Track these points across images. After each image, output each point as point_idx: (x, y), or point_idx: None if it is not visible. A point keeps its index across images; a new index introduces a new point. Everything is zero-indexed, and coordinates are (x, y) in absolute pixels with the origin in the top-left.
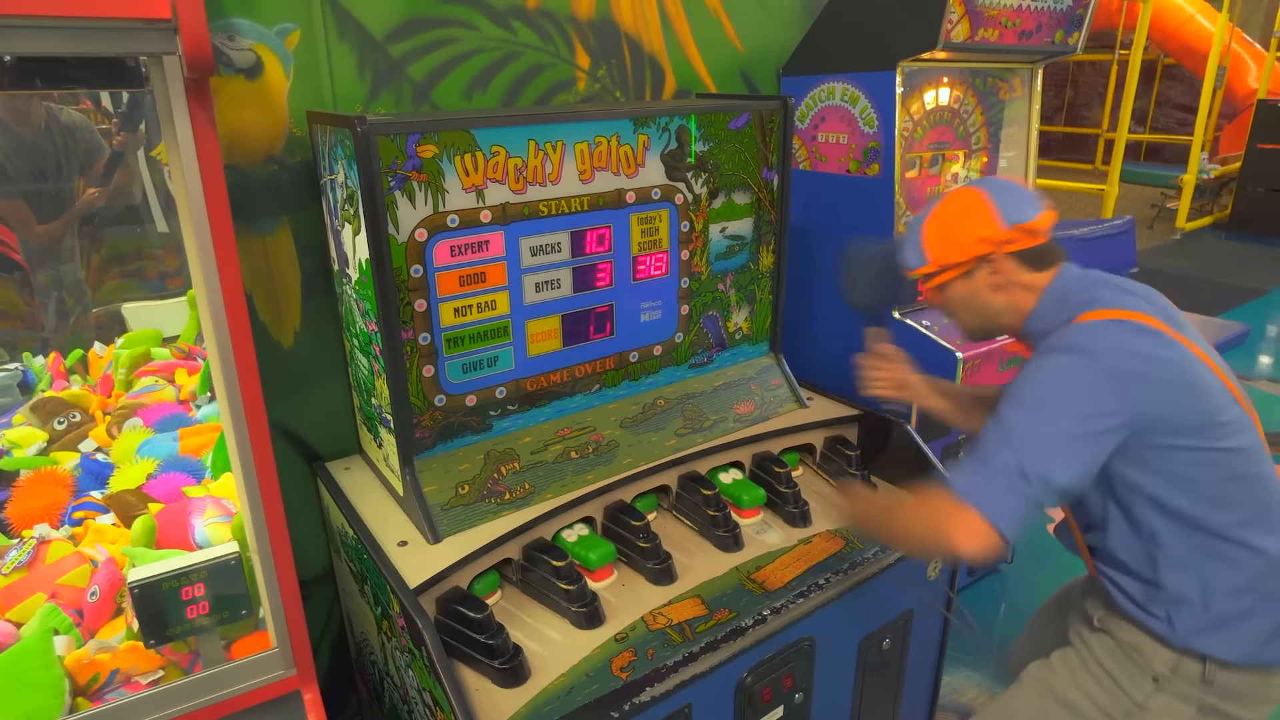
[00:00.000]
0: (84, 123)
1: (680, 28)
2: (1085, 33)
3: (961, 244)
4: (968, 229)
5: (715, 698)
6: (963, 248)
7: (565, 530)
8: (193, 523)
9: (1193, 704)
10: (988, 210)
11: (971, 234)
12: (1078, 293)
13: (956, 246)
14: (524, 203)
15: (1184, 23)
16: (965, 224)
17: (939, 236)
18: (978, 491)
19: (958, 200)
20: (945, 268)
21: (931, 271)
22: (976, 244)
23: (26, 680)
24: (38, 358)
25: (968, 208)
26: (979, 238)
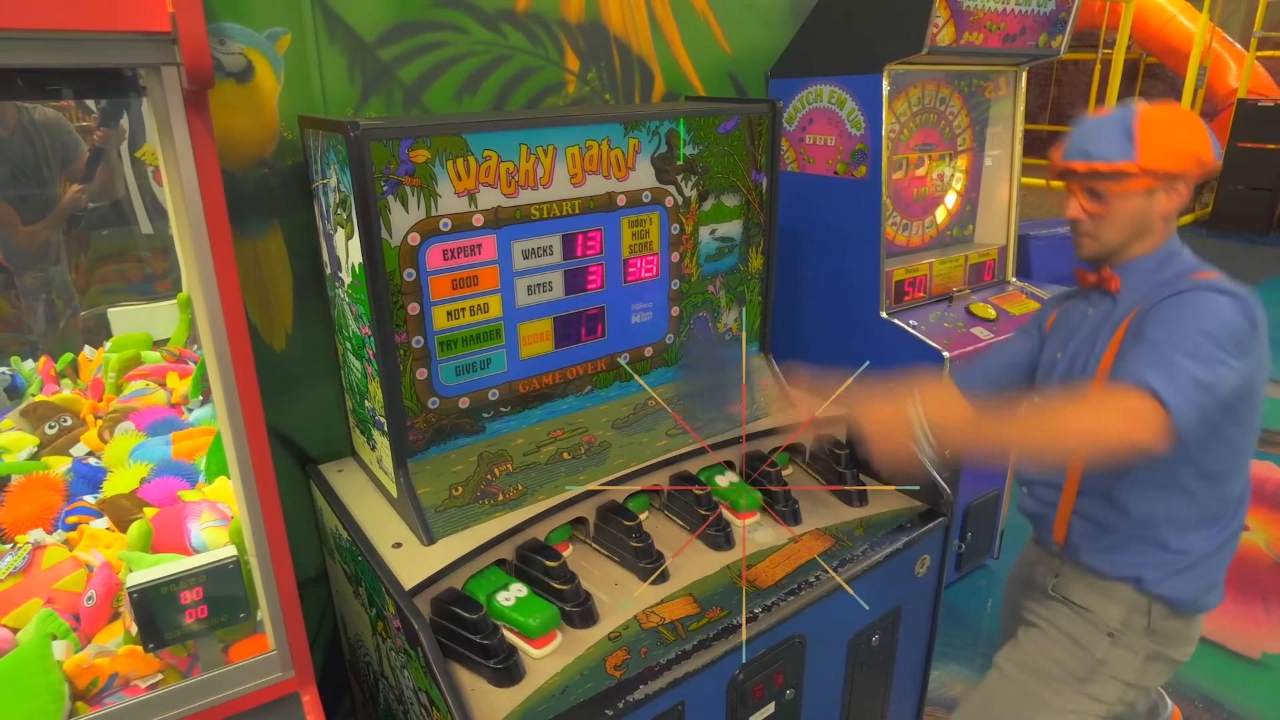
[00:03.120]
0: (59, 120)
1: (669, 30)
2: (1068, 35)
3: (1178, 153)
4: (1190, 140)
5: (708, 695)
6: (1177, 157)
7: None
8: (189, 526)
9: (1140, 653)
10: (1205, 134)
11: (1192, 146)
12: (1181, 253)
13: (1173, 154)
14: (516, 206)
15: (1165, 22)
16: (1188, 135)
17: (1158, 135)
18: (1165, 383)
19: (1175, 111)
20: (1149, 172)
21: (1131, 171)
22: (1191, 161)
23: (26, 685)
24: (26, 361)
25: (1190, 123)
26: (1196, 154)
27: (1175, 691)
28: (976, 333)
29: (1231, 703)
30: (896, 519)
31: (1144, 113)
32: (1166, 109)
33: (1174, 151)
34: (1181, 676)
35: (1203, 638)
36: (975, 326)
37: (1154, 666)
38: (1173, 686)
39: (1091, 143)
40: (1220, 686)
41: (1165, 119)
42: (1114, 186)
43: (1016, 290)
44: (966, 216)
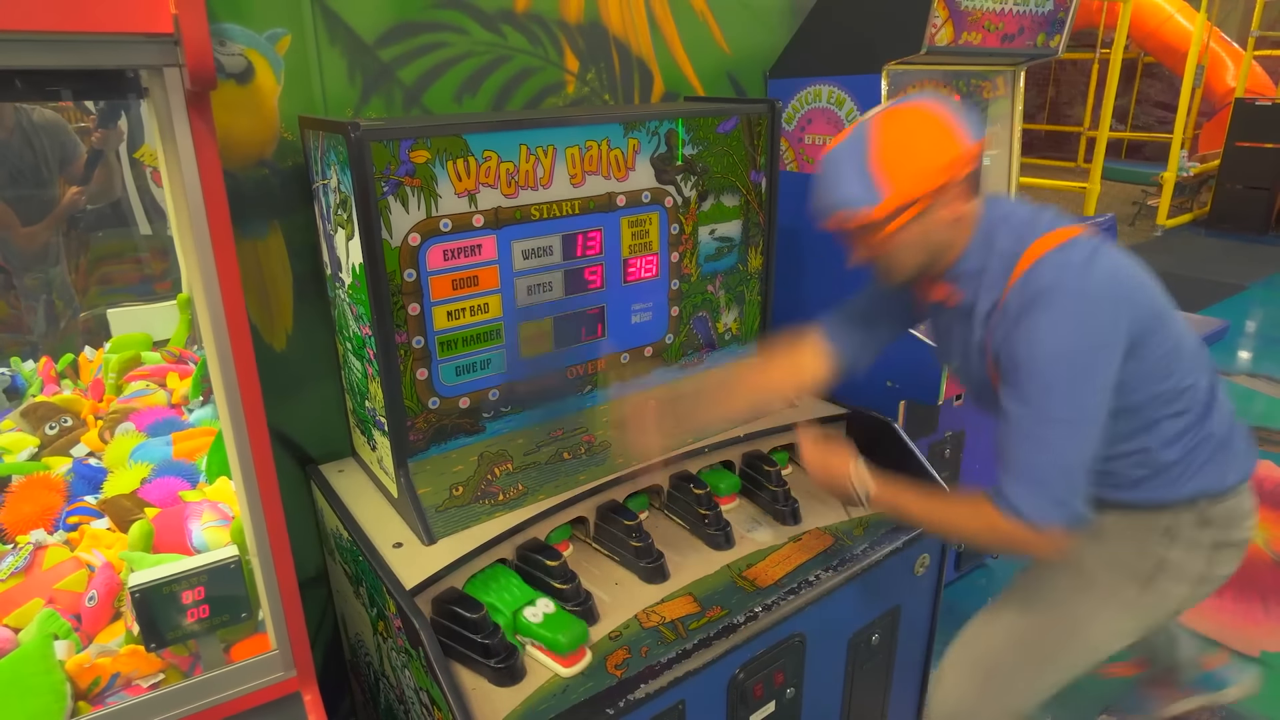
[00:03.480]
0: (58, 121)
1: (668, 31)
2: (1066, 35)
3: (929, 170)
4: (937, 150)
5: (708, 694)
6: (931, 174)
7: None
8: (190, 527)
9: (1203, 548)
10: (955, 130)
11: (942, 155)
12: (1002, 226)
13: (924, 174)
14: (516, 207)
15: (1163, 22)
16: (933, 145)
17: (900, 163)
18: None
19: (911, 120)
20: (905, 205)
21: (886, 214)
22: (947, 168)
23: (28, 685)
24: (27, 362)
25: (927, 133)
26: (951, 159)
27: None
28: None
29: None
30: (891, 521)
31: (877, 143)
32: (899, 124)
33: (925, 173)
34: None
35: (1201, 635)
36: None
37: (1221, 555)
38: None
39: (835, 196)
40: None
41: (900, 142)
42: (878, 233)
43: None
44: None
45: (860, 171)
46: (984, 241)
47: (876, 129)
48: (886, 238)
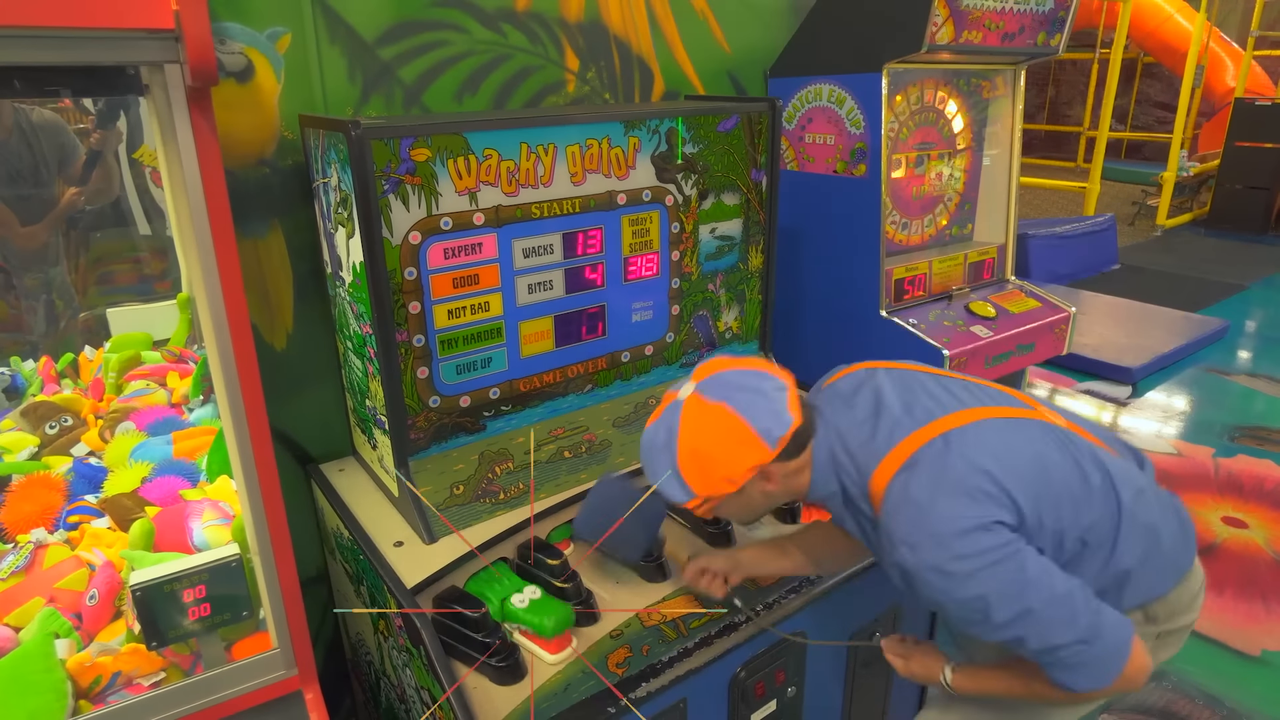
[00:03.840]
0: (57, 121)
1: (668, 30)
2: (1067, 34)
3: (731, 476)
4: (734, 461)
5: (709, 692)
6: (733, 479)
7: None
8: (191, 525)
9: (1149, 639)
10: (749, 434)
11: (740, 465)
12: (842, 455)
13: (726, 479)
14: (516, 205)
15: (1163, 22)
16: (730, 456)
17: (702, 472)
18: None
19: (711, 427)
20: (714, 497)
21: (700, 503)
22: (747, 473)
23: (29, 684)
24: (27, 362)
25: (728, 436)
26: (749, 467)
27: (1174, 689)
28: (976, 331)
29: (1232, 700)
30: None
31: (683, 447)
32: (702, 431)
33: (726, 478)
34: (1181, 674)
35: (1203, 635)
36: (975, 325)
37: (1166, 642)
38: (1172, 684)
39: (656, 481)
40: (1220, 684)
41: (703, 450)
42: (700, 511)
43: (1015, 289)
44: (965, 215)
45: (672, 472)
46: (828, 473)
47: (683, 432)
48: (712, 510)
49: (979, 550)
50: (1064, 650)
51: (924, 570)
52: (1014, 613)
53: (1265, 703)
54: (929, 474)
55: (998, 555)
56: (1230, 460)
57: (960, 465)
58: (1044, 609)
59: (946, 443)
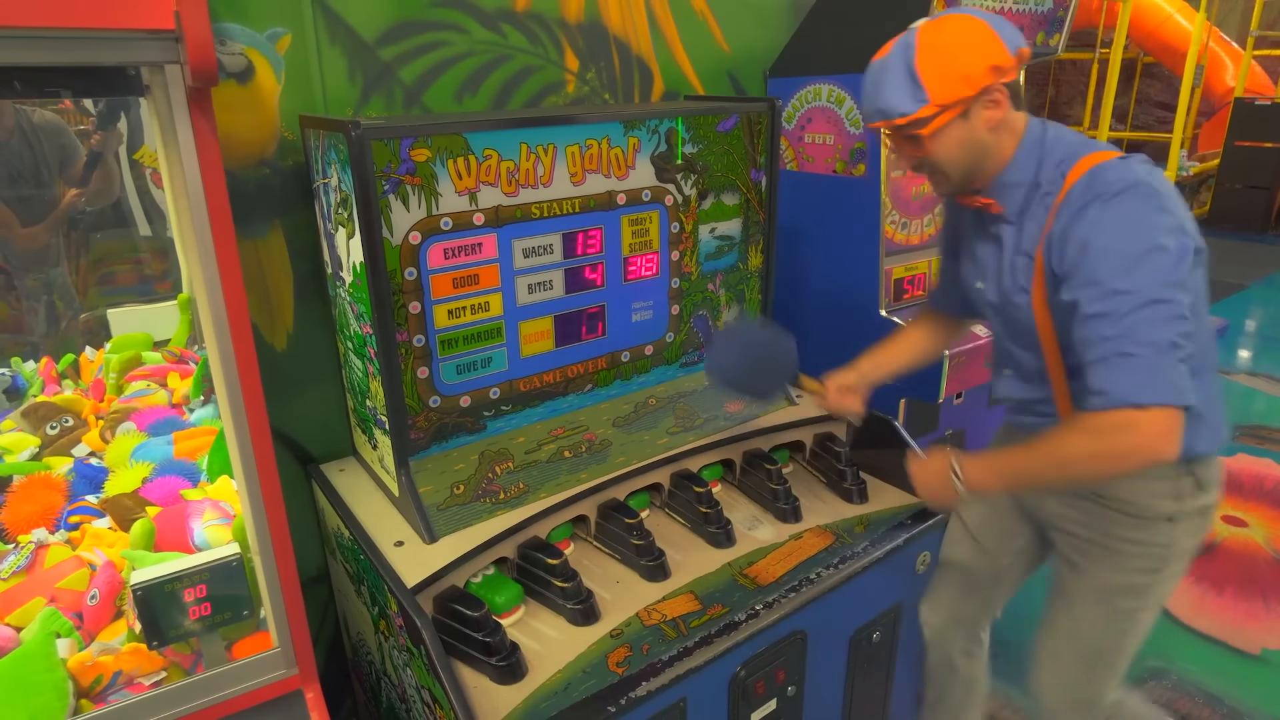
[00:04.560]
0: (57, 123)
1: (668, 30)
2: (1066, 34)
3: (970, 74)
4: (977, 56)
5: (709, 691)
6: (971, 79)
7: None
8: (192, 525)
9: (1194, 516)
10: (991, 34)
11: (982, 61)
12: (1056, 143)
13: (965, 78)
14: (516, 205)
15: (1163, 22)
16: (973, 51)
17: (942, 67)
18: (1151, 389)
19: (953, 27)
20: (947, 107)
21: (929, 115)
22: (987, 74)
23: (30, 683)
24: (28, 363)
25: (970, 32)
26: (990, 65)
27: (1175, 687)
28: (976, 331)
29: (1232, 698)
30: (896, 516)
31: (922, 45)
32: (943, 28)
33: (964, 76)
34: (1181, 672)
35: (1203, 634)
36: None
37: (1206, 520)
38: (1172, 682)
39: (882, 99)
40: (1220, 682)
41: (944, 45)
42: (922, 131)
43: None
44: None
45: (905, 74)
46: (1033, 152)
47: (922, 35)
48: (929, 138)
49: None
50: (1141, 350)
51: (1107, 208)
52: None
53: (1265, 701)
54: (1145, 168)
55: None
56: (1230, 459)
57: (1168, 185)
58: (1154, 296)
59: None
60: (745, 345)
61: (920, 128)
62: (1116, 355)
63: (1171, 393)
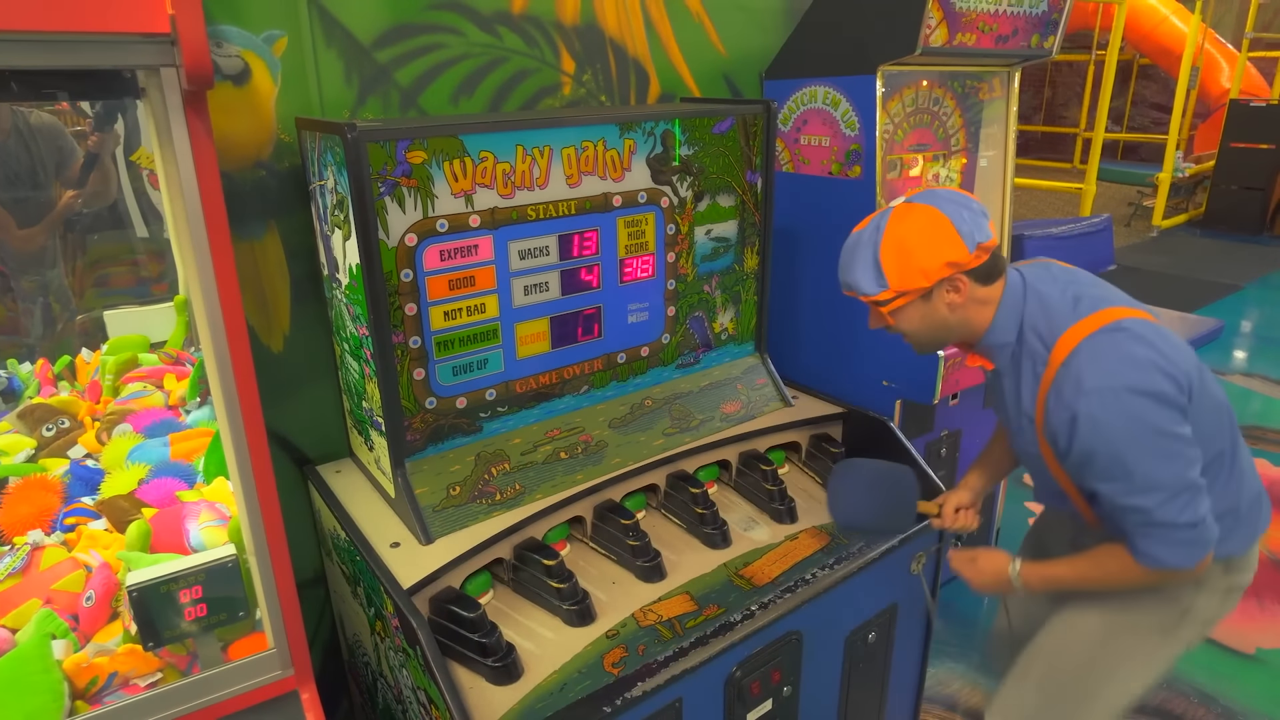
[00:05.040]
0: (55, 125)
1: (664, 32)
2: (1060, 36)
3: (926, 269)
4: (933, 253)
5: (705, 692)
6: (927, 273)
7: None
8: (187, 527)
9: (1219, 591)
10: (951, 231)
11: (938, 258)
12: (1039, 307)
13: (921, 272)
14: (512, 207)
15: (1158, 24)
16: (930, 248)
17: (900, 261)
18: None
19: (917, 221)
20: (904, 293)
21: (888, 298)
22: (942, 268)
23: (26, 684)
24: (24, 364)
25: (930, 229)
26: (945, 262)
27: (1170, 687)
28: None
29: (1227, 698)
30: None
31: (888, 235)
32: (907, 224)
33: (921, 270)
34: (1176, 672)
35: None
36: None
37: (1231, 598)
38: (1167, 681)
39: (851, 276)
40: (1215, 681)
41: (905, 239)
42: (884, 309)
43: None
44: None
45: (871, 259)
46: (1012, 315)
47: (890, 224)
48: (892, 314)
49: (1154, 414)
50: (1177, 530)
51: (1098, 417)
52: (1153, 481)
53: (1260, 700)
54: (1131, 338)
55: (1166, 426)
56: None
57: (1160, 342)
58: (1177, 488)
59: (1143, 323)
60: (869, 485)
61: (883, 306)
62: (1158, 534)
63: (1204, 551)
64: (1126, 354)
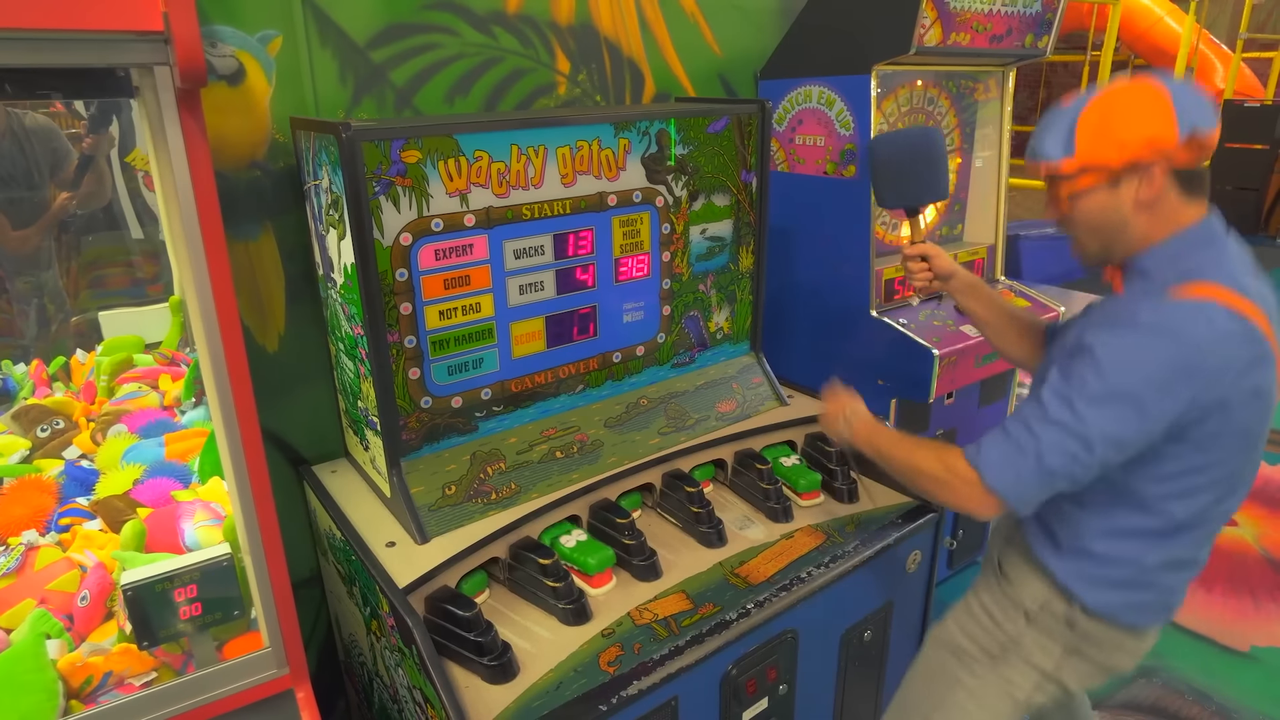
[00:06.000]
0: (49, 126)
1: (659, 32)
2: (1054, 36)
3: (1124, 142)
4: (1137, 125)
5: (701, 690)
6: (1124, 147)
7: (563, 537)
8: (182, 526)
9: (1059, 643)
10: (1166, 108)
11: (1140, 131)
12: (1201, 249)
13: (1116, 144)
14: (507, 206)
15: (1153, 24)
16: (1135, 119)
17: (1098, 127)
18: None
19: (1132, 90)
20: (1091, 168)
21: (1072, 171)
22: (1143, 146)
23: (20, 684)
24: (18, 365)
25: (1143, 101)
26: (1148, 137)
27: (1165, 684)
28: (966, 330)
29: (1221, 695)
30: (888, 515)
31: (1094, 101)
32: (1120, 91)
33: (1117, 141)
34: (1171, 670)
35: (1193, 631)
36: (964, 325)
37: (1075, 664)
38: (1162, 679)
39: (1040, 139)
40: (1210, 679)
41: (1112, 105)
42: (1064, 187)
43: (1005, 289)
44: (955, 216)
45: (1067, 123)
46: (1177, 248)
47: (1103, 90)
48: (1070, 197)
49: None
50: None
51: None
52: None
53: (1254, 698)
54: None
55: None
56: None
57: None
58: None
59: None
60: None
61: (1064, 182)
62: (1016, 434)
63: (1015, 497)
64: (1213, 323)
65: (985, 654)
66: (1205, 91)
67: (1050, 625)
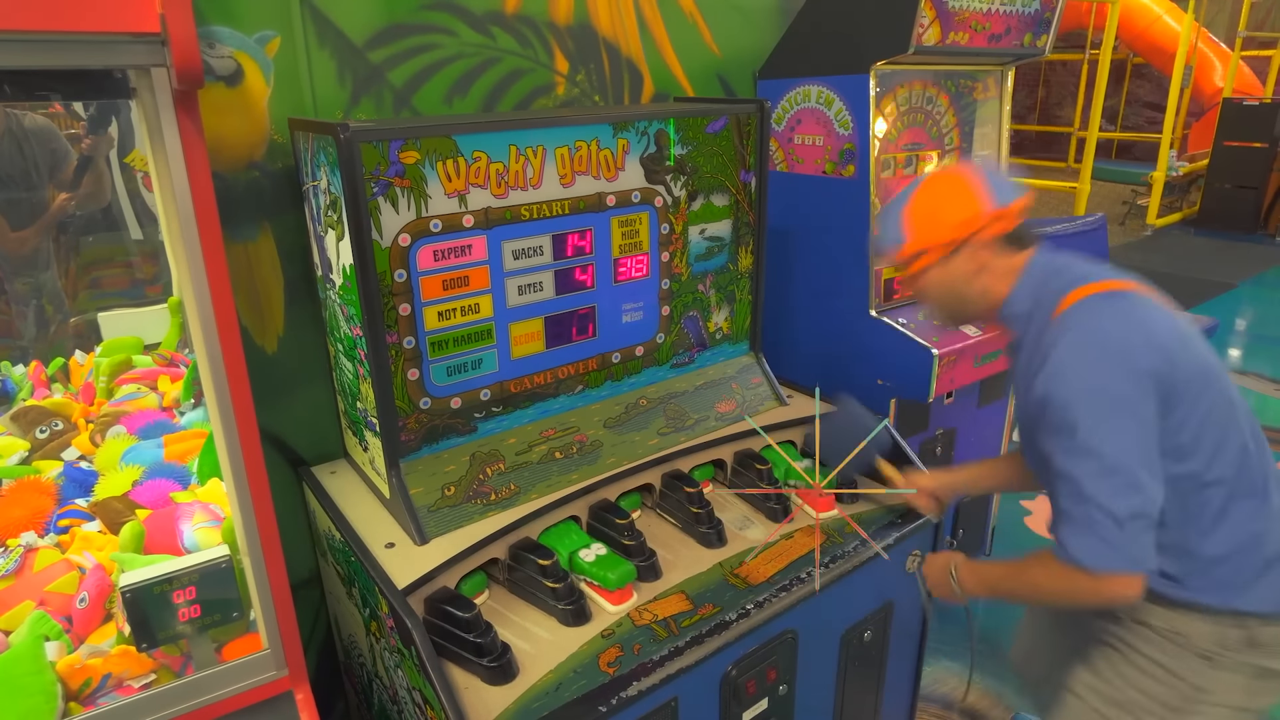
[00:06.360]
0: (48, 127)
1: (658, 32)
2: (1053, 35)
3: (945, 225)
4: (953, 210)
5: (701, 691)
6: (946, 229)
7: (583, 550)
8: (181, 528)
9: (1245, 672)
10: (973, 192)
11: (956, 215)
12: (1055, 276)
13: (940, 227)
14: (506, 207)
15: (1152, 23)
16: (951, 205)
17: (922, 217)
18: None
19: (943, 181)
20: (924, 250)
21: (910, 255)
22: (960, 226)
23: (19, 686)
24: (17, 366)
25: (953, 188)
26: (963, 219)
27: None
28: (964, 330)
29: None
30: (886, 515)
31: (915, 196)
32: (934, 184)
33: (940, 225)
34: None
35: None
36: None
37: (1266, 684)
38: None
39: (880, 236)
40: None
41: (928, 198)
42: (906, 270)
43: None
44: None
45: (894, 219)
46: (1033, 287)
47: (922, 184)
48: (913, 276)
49: (1118, 378)
50: (1098, 514)
51: (1064, 360)
52: (1092, 446)
53: None
54: (1131, 304)
55: (1126, 392)
56: None
57: (1158, 319)
58: (1114, 463)
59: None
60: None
61: (905, 265)
62: (1070, 512)
63: (1121, 561)
64: (1118, 311)
65: (1163, 707)
66: (1001, 172)
67: (1234, 658)
